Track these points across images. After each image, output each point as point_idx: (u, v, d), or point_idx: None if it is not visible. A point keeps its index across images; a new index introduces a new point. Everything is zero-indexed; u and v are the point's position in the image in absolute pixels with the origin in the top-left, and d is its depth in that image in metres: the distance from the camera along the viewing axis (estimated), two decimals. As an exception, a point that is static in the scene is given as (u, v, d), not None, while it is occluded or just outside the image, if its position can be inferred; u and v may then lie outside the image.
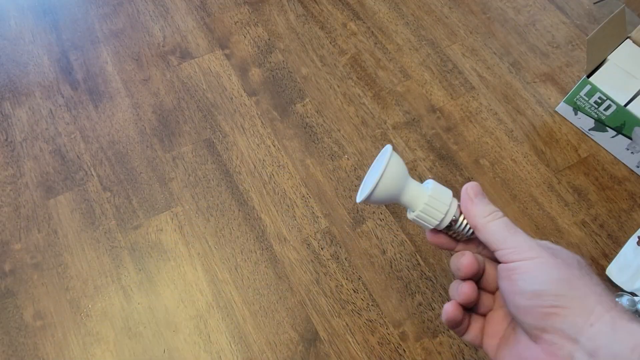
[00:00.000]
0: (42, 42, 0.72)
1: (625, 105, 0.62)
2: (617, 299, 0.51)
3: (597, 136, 0.66)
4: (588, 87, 0.63)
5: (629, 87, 0.63)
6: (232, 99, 0.68)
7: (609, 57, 0.66)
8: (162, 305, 0.54)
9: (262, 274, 0.56)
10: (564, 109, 0.68)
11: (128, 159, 0.63)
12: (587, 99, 0.64)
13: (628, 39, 0.67)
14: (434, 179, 0.63)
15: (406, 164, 0.64)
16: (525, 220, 0.60)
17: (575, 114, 0.67)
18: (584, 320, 0.25)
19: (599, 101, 0.63)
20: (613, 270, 0.56)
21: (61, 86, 0.68)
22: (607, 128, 0.64)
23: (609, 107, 0.62)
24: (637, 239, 0.58)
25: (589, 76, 0.64)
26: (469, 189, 0.32)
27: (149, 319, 0.53)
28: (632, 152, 0.63)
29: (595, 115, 0.65)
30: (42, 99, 0.67)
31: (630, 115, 0.60)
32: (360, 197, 0.33)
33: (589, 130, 0.67)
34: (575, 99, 0.66)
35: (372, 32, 0.75)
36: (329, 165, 0.63)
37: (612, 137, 0.64)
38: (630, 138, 0.62)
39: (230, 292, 0.55)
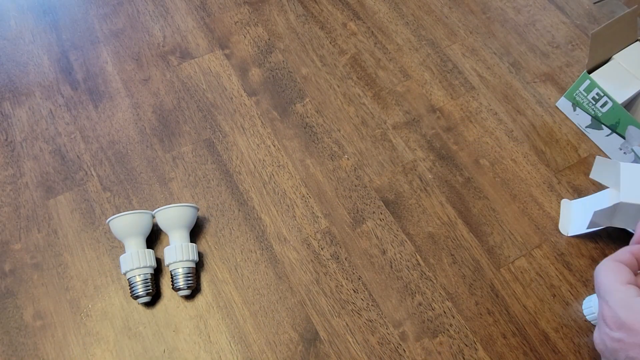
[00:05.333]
0: (42, 42, 0.72)
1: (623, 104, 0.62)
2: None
3: (593, 134, 0.66)
4: (587, 82, 0.63)
5: (629, 86, 0.63)
6: (232, 99, 0.68)
7: (614, 57, 0.66)
8: (162, 305, 0.54)
9: (262, 274, 0.56)
10: (563, 104, 0.68)
11: (128, 159, 0.63)
12: (585, 94, 0.64)
13: (638, 42, 0.67)
14: (433, 179, 0.63)
15: (406, 164, 0.64)
16: (525, 220, 0.60)
17: (574, 109, 0.67)
18: None
19: (597, 97, 0.63)
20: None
21: (61, 86, 0.68)
22: (603, 126, 0.64)
23: (605, 103, 0.62)
24: None
25: (590, 72, 0.64)
26: None
27: (149, 319, 0.53)
28: (624, 152, 0.63)
29: (592, 112, 0.65)
30: (42, 99, 0.67)
31: (625, 113, 0.60)
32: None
33: (586, 127, 0.67)
34: (574, 94, 0.66)
35: (372, 32, 0.75)
36: (329, 165, 0.63)
37: (607, 135, 0.64)
38: (623, 137, 0.62)
39: (230, 292, 0.55)
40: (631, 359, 0.30)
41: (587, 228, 0.57)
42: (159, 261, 0.56)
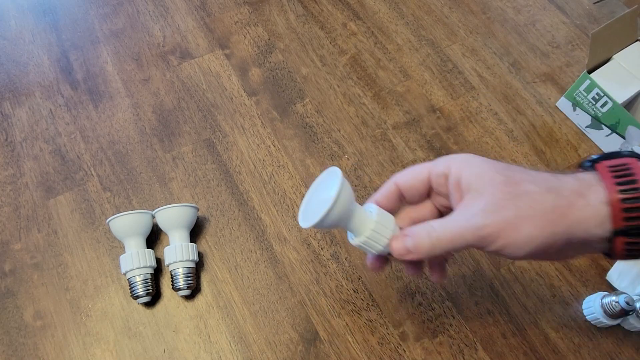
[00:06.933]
0: (42, 42, 0.72)
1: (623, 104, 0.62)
2: (614, 297, 0.51)
3: (593, 134, 0.66)
4: (587, 82, 0.63)
5: (629, 86, 0.63)
6: (232, 99, 0.68)
7: (614, 57, 0.65)
8: (162, 305, 0.54)
9: (262, 274, 0.56)
10: (563, 104, 0.68)
11: (128, 159, 0.63)
12: (585, 94, 0.64)
13: (638, 42, 0.67)
14: (434, 179, 0.63)
15: (406, 164, 0.64)
16: (525, 220, 0.60)
17: (574, 109, 0.67)
18: None
19: (597, 97, 0.63)
20: (613, 276, 0.56)
21: (61, 86, 0.68)
22: (603, 126, 0.64)
23: (605, 103, 0.62)
24: None
25: (590, 72, 0.64)
26: (397, 250, 0.34)
27: (149, 319, 0.53)
28: None
29: (592, 112, 0.65)
30: (42, 99, 0.67)
31: (625, 113, 0.60)
32: (307, 222, 0.33)
33: (586, 127, 0.67)
34: (574, 94, 0.66)
35: (372, 32, 0.75)
36: (329, 165, 0.63)
37: (607, 135, 0.64)
38: (623, 137, 0.62)
39: (230, 292, 0.55)
40: None
41: None
42: (159, 261, 0.56)
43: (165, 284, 0.55)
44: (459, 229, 0.31)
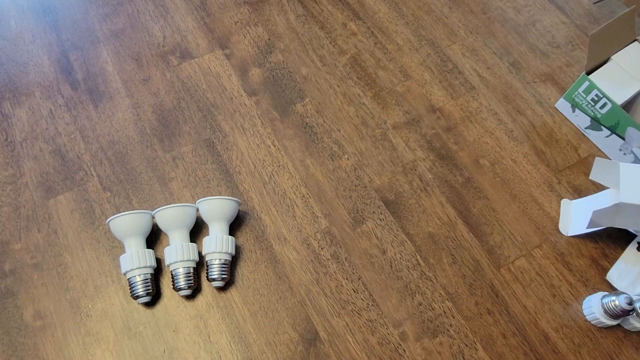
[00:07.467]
0: (42, 42, 0.72)
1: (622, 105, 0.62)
2: (614, 297, 0.51)
3: (593, 135, 0.66)
4: (586, 83, 0.63)
5: (628, 87, 0.63)
6: (232, 99, 0.68)
7: (612, 57, 0.66)
8: (162, 305, 0.54)
9: (262, 274, 0.56)
10: (562, 105, 0.68)
11: (128, 159, 0.63)
12: (584, 95, 0.64)
13: (636, 41, 0.67)
14: (433, 179, 0.63)
15: (406, 164, 0.64)
16: (525, 220, 0.60)
17: (573, 111, 0.67)
18: None
19: (596, 99, 0.63)
20: (613, 276, 0.56)
21: (61, 86, 0.68)
22: (602, 127, 0.64)
23: (604, 105, 0.62)
24: (637, 245, 0.58)
25: (589, 73, 0.64)
26: None
27: (149, 318, 0.53)
28: (624, 153, 0.63)
29: (592, 113, 0.65)
30: (42, 99, 0.67)
31: (624, 114, 0.60)
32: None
33: (585, 128, 0.67)
34: (573, 96, 0.66)
35: (372, 32, 0.75)
36: (329, 165, 0.63)
37: (607, 136, 0.64)
38: (623, 138, 0.62)
39: (230, 292, 0.55)
40: None
41: (587, 228, 0.57)
42: (159, 261, 0.56)
43: (166, 284, 0.55)
44: None
